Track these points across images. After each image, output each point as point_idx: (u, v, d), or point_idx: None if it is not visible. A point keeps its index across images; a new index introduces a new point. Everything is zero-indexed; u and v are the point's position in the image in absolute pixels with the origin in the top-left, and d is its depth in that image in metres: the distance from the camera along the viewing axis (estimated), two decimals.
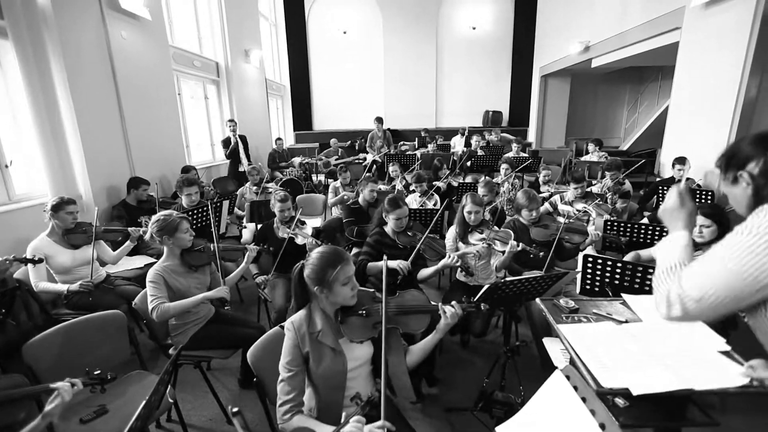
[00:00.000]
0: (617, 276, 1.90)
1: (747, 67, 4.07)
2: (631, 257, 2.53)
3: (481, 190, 3.52)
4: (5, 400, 1.42)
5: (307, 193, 6.44)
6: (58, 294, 2.64)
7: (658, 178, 5.34)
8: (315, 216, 4.98)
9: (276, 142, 7.98)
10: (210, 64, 6.74)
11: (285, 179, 6.38)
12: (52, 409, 1.33)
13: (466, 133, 8.55)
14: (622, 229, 2.91)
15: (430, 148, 7.48)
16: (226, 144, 6.31)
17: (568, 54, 8.04)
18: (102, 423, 1.69)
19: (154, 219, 2.24)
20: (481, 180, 3.52)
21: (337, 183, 4.76)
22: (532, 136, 10.60)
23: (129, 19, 4.37)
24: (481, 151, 6.73)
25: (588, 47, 7.38)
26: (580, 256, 1.97)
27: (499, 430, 1.06)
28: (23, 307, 2.83)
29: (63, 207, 2.70)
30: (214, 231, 2.51)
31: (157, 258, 3.38)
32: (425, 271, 2.38)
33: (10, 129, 3.49)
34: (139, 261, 3.41)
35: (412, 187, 4.14)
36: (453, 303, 1.52)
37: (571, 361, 1.30)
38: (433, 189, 4.19)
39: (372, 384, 1.55)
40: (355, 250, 2.99)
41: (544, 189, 5.12)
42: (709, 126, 4.55)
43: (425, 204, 3.75)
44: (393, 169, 4.94)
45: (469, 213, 2.64)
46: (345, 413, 1.15)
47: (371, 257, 2.46)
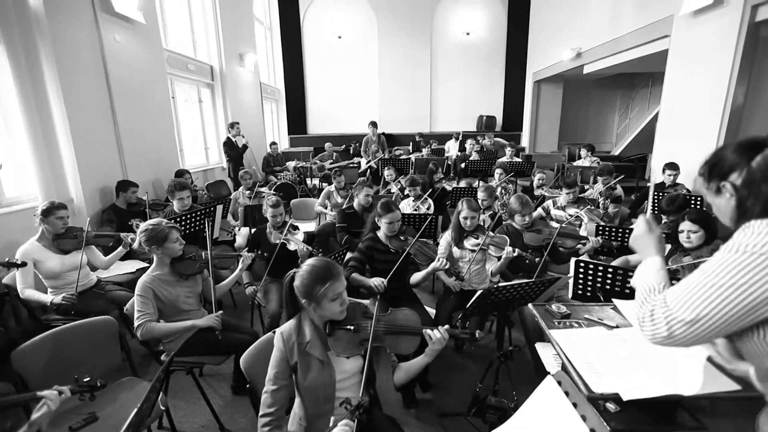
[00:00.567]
0: (608, 281, 1.92)
1: (734, 75, 4.15)
2: (621, 262, 2.56)
3: (480, 195, 3.55)
4: None
5: (302, 197, 6.46)
6: (43, 303, 2.59)
7: (648, 183, 5.41)
8: (309, 220, 4.98)
9: (271, 146, 7.97)
10: (204, 68, 6.73)
11: (279, 183, 6.37)
12: (39, 418, 1.32)
13: (460, 138, 8.61)
14: (613, 233, 2.94)
15: (425, 152, 7.52)
16: (230, 146, 6.29)
17: (561, 60, 8.14)
18: (91, 431, 1.67)
19: (143, 228, 2.19)
20: (481, 185, 3.55)
21: (331, 187, 4.76)
22: (525, 141, 10.69)
23: (123, 22, 4.35)
24: (476, 155, 6.78)
25: (580, 54, 7.48)
26: (572, 261, 1.99)
27: None
28: (12, 313, 2.80)
29: (53, 212, 2.66)
30: (208, 237, 2.49)
31: (149, 262, 3.37)
32: (417, 276, 2.39)
33: (1, 132, 3.45)
34: (131, 265, 3.38)
35: (407, 191, 4.16)
36: (440, 327, 1.47)
37: (563, 367, 1.31)
38: (428, 193, 4.22)
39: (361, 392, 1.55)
40: (349, 254, 2.99)
41: (538, 193, 5.17)
42: (698, 132, 4.63)
43: (419, 208, 3.77)
44: (388, 173, 4.95)
45: (465, 218, 2.66)
46: (333, 418, 1.14)
47: (358, 267, 2.47)
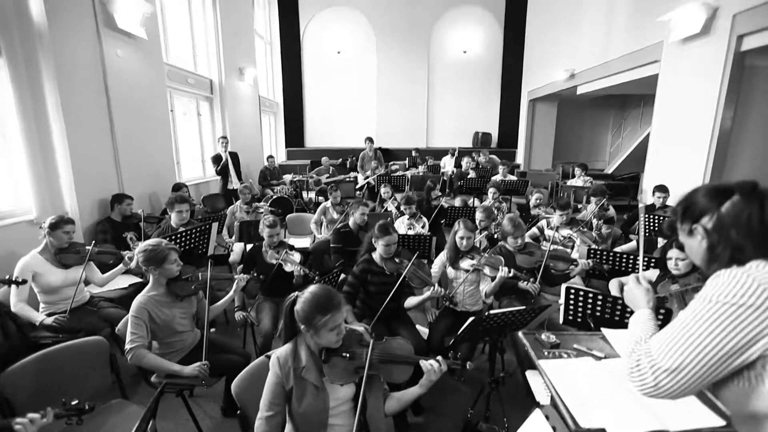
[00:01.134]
0: (598, 308, 1.95)
1: (721, 100, 4.27)
2: (615, 285, 2.60)
3: (479, 215, 3.58)
4: None
5: (298, 211, 6.47)
6: (32, 322, 2.55)
7: (640, 204, 5.49)
8: (305, 236, 4.98)
9: (268, 159, 8.01)
10: (204, 82, 6.80)
11: (275, 197, 6.39)
12: None
13: (456, 154, 8.71)
14: (604, 257, 2.98)
15: (421, 169, 7.59)
16: (217, 160, 6.32)
17: (555, 80, 8.31)
18: None
19: (141, 247, 2.19)
20: (479, 206, 3.59)
21: (327, 203, 4.78)
22: (520, 158, 10.83)
23: (125, 37, 4.41)
24: (472, 173, 6.85)
25: (573, 75, 7.65)
26: (563, 287, 2.02)
27: None
28: (0, 328, 2.77)
29: (61, 226, 2.67)
30: (208, 259, 2.49)
31: (142, 278, 3.36)
32: (411, 300, 2.41)
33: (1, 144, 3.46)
34: (124, 281, 3.35)
35: (402, 208, 4.19)
36: (438, 358, 1.52)
37: (552, 399, 1.32)
38: (425, 212, 4.25)
39: (352, 418, 1.55)
40: (343, 275, 3.00)
41: (534, 212, 5.20)
42: (688, 155, 4.73)
43: (413, 226, 3.80)
44: (385, 190, 4.99)
45: (462, 238, 2.69)
46: None
47: (352, 293, 2.49)
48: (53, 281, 2.62)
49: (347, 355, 1.47)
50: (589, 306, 1.97)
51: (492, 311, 1.69)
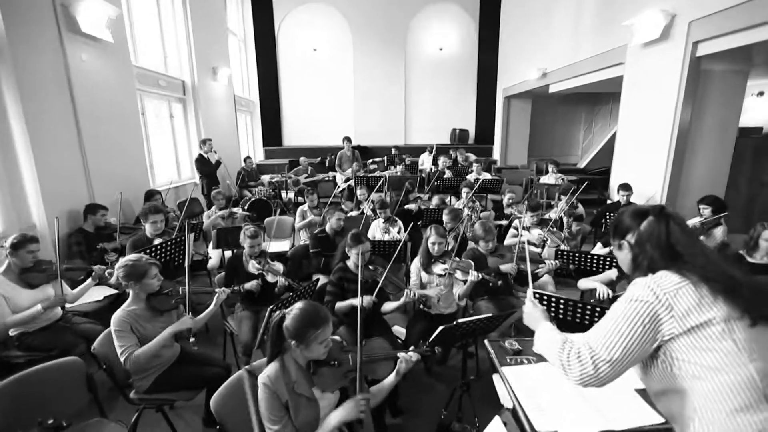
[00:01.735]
0: (561, 312, 2.08)
1: (680, 102, 4.50)
2: (584, 284, 2.76)
3: (445, 218, 3.69)
4: None
5: (277, 211, 6.45)
6: (34, 317, 2.53)
7: (609, 200, 5.74)
8: (283, 239, 5.00)
9: (245, 161, 7.92)
10: (176, 83, 6.65)
11: (253, 200, 6.35)
12: None
13: (434, 151, 8.82)
14: (571, 257, 3.14)
15: (399, 169, 7.66)
16: (203, 162, 6.22)
17: (528, 79, 8.51)
18: None
19: (122, 263, 2.19)
20: (445, 210, 3.69)
21: (305, 206, 4.80)
22: (497, 154, 11.05)
23: (90, 41, 4.28)
24: (448, 172, 6.97)
25: (545, 74, 7.85)
26: (528, 292, 2.13)
27: None
28: None
29: (24, 245, 2.58)
30: (186, 270, 2.49)
31: (117, 289, 3.31)
32: (388, 306, 2.49)
33: None
34: (99, 293, 3.28)
35: (378, 212, 4.25)
36: (411, 349, 1.65)
37: (513, 404, 1.43)
38: (404, 215, 4.31)
39: None
40: (322, 279, 3.05)
41: (508, 212, 5.37)
42: (650, 154, 4.97)
43: (389, 230, 3.88)
44: (361, 192, 5.04)
45: (433, 244, 2.78)
46: None
47: (337, 296, 2.55)
48: (22, 302, 2.54)
49: (335, 363, 1.56)
50: (552, 309, 2.10)
51: (461, 320, 1.79)
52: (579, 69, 6.65)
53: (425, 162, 8.81)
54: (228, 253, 3.99)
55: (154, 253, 3.06)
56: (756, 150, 5.91)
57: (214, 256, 4.18)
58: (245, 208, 5.76)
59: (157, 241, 3.44)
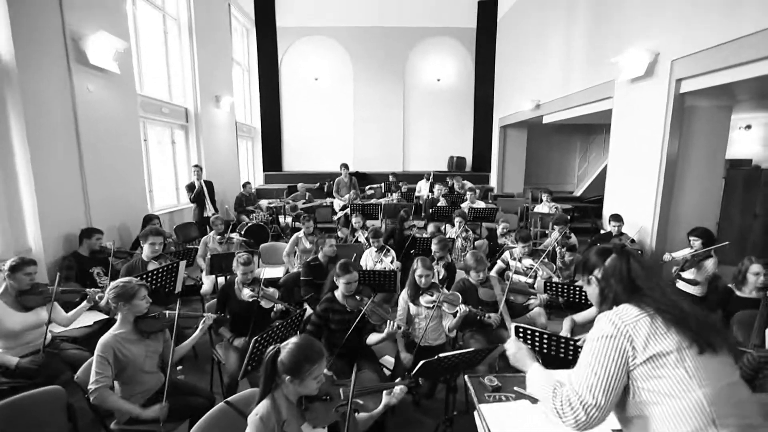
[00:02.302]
0: (544, 347, 2.08)
1: (666, 136, 4.62)
2: (567, 323, 2.76)
3: (434, 247, 3.72)
4: None
5: (274, 237, 6.49)
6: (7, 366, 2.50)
7: (602, 230, 5.78)
8: (278, 265, 5.01)
9: (244, 186, 8.04)
10: (179, 111, 6.84)
11: (250, 225, 6.40)
12: None
13: (431, 179, 8.95)
14: (560, 290, 3.14)
15: (395, 197, 7.76)
16: (191, 188, 6.32)
17: (522, 109, 8.75)
18: None
19: (113, 285, 2.23)
20: (434, 240, 3.73)
21: (300, 233, 4.84)
22: (494, 181, 11.19)
23: (97, 72, 4.45)
24: (443, 200, 7.05)
25: (539, 105, 8.08)
26: (512, 327, 2.15)
27: None
28: None
29: (22, 268, 2.63)
30: (177, 287, 2.52)
31: (108, 314, 3.31)
32: (373, 338, 2.50)
33: None
34: (89, 318, 3.28)
35: (371, 241, 4.29)
36: (398, 381, 1.69)
37: None
38: (398, 244, 4.34)
39: None
40: (309, 311, 3.06)
41: (501, 241, 5.41)
42: (640, 185, 5.05)
43: (382, 260, 3.90)
44: (356, 220, 5.09)
45: (420, 276, 2.81)
46: None
47: (315, 332, 2.57)
48: (12, 326, 2.56)
49: (327, 397, 1.56)
50: (537, 344, 2.10)
51: (442, 354, 1.80)
52: (570, 101, 6.86)
53: (422, 189, 8.92)
54: (222, 279, 4.01)
55: (146, 280, 3.08)
56: (746, 181, 6.01)
57: (207, 282, 4.20)
58: (242, 233, 5.81)
59: (151, 266, 3.47)
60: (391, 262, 3.85)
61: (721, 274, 3.80)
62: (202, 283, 4.17)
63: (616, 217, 4.72)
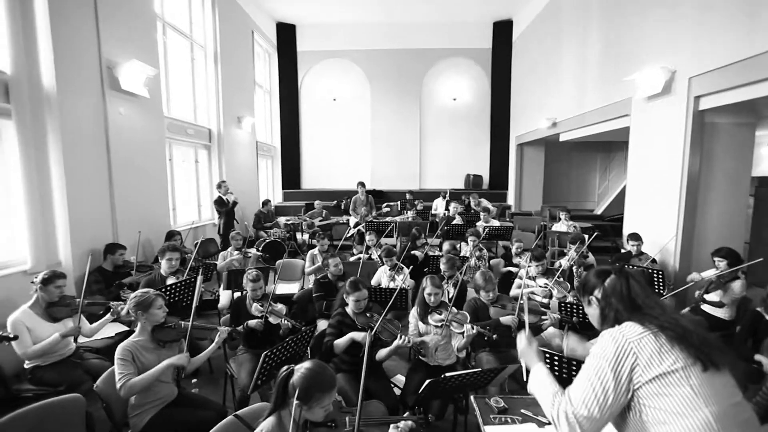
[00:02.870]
0: (555, 368, 2.03)
1: (686, 153, 4.51)
2: (558, 340, 2.70)
3: (442, 266, 3.71)
4: None
5: (291, 253, 6.60)
6: (54, 344, 2.67)
7: (622, 249, 5.62)
8: (293, 281, 5.09)
9: (264, 204, 8.25)
10: (203, 131, 7.16)
11: (268, 241, 6.54)
12: None
13: (447, 196, 8.95)
14: (573, 310, 3.07)
15: (410, 215, 7.79)
16: (220, 203, 6.53)
17: (539, 128, 8.72)
18: None
19: (133, 295, 2.37)
20: (443, 259, 3.73)
21: (315, 250, 4.92)
22: (511, 199, 11.09)
23: (128, 97, 4.75)
24: (458, 218, 7.04)
25: (555, 123, 8.04)
26: (527, 325, 2.11)
27: None
28: None
29: (53, 281, 2.79)
30: (192, 310, 2.60)
31: (129, 326, 3.44)
32: (382, 353, 2.50)
33: (3, 199, 3.65)
34: (111, 330, 3.42)
35: (384, 260, 4.31)
36: (406, 415, 1.72)
37: None
38: (411, 260, 4.33)
39: None
40: (322, 323, 3.09)
41: (516, 261, 5.33)
42: (661, 203, 4.92)
43: (395, 278, 3.91)
44: (370, 238, 5.14)
45: (429, 295, 2.81)
46: None
47: (336, 337, 2.58)
48: (43, 335, 2.69)
49: (332, 424, 1.55)
50: (547, 365, 2.05)
51: (448, 374, 1.79)
52: (587, 119, 6.81)
53: (438, 207, 8.92)
54: (237, 294, 4.10)
55: (166, 292, 3.20)
56: None
57: (224, 296, 4.30)
58: (260, 248, 5.94)
59: (170, 280, 3.61)
60: (403, 281, 3.86)
61: (751, 297, 3.62)
62: (219, 297, 4.28)
63: (635, 236, 4.60)
